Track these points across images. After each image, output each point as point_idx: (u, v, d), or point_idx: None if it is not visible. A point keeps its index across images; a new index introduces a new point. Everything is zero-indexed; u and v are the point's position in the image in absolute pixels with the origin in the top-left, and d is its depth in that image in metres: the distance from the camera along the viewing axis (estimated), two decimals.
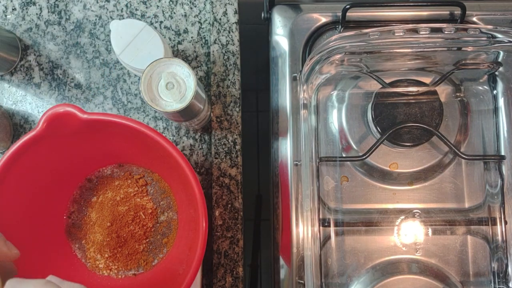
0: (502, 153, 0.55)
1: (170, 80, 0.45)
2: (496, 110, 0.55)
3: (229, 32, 0.59)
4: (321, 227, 0.53)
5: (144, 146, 0.48)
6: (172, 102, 0.46)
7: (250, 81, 0.73)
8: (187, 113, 0.49)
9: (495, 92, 0.56)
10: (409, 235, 0.54)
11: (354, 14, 0.57)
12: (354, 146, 0.55)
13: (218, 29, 0.59)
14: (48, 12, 0.60)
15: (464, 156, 0.53)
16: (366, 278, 0.54)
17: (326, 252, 0.54)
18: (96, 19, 0.60)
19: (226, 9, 0.59)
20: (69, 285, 0.33)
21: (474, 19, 0.57)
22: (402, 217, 0.54)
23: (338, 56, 0.51)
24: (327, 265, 0.54)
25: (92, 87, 0.59)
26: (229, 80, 0.58)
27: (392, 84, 0.54)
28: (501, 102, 0.55)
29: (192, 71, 0.45)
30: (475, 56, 0.53)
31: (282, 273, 0.55)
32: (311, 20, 0.58)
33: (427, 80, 0.55)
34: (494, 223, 0.54)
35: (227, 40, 0.59)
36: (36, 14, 0.60)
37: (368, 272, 0.54)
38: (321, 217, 0.53)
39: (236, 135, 0.58)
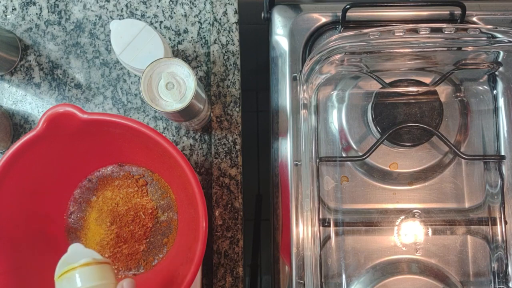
0: (502, 153, 0.55)
1: (170, 80, 0.45)
2: (496, 110, 0.55)
3: (229, 32, 0.59)
4: (321, 227, 0.53)
5: (144, 146, 0.48)
6: (172, 102, 0.46)
7: (250, 81, 0.73)
8: (187, 113, 0.49)
9: (495, 92, 0.56)
10: (409, 235, 0.54)
11: (354, 14, 0.57)
12: (354, 146, 0.55)
13: (218, 29, 0.59)
14: (48, 12, 0.60)
15: (464, 156, 0.53)
16: (366, 278, 0.54)
17: (326, 252, 0.54)
18: (96, 19, 0.60)
19: (226, 9, 0.59)
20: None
21: (474, 19, 0.57)
22: (402, 217, 0.54)
23: (338, 56, 0.51)
24: (327, 265, 0.54)
25: (92, 87, 0.59)
26: (229, 80, 0.58)
27: (392, 84, 0.54)
28: (501, 102, 0.55)
29: (192, 71, 0.45)
30: (475, 56, 0.53)
31: (282, 273, 0.55)
32: (311, 20, 0.58)
33: (427, 80, 0.55)
34: (494, 223, 0.54)
35: (227, 40, 0.59)
36: (36, 14, 0.60)
37: (368, 272, 0.54)
38: (321, 217, 0.53)
39: (236, 135, 0.58)
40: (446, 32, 0.48)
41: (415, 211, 0.55)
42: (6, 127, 0.57)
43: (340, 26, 0.57)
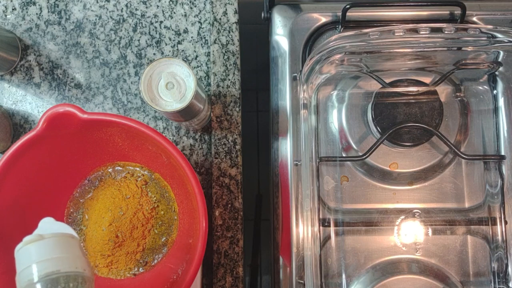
0: (502, 153, 0.55)
1: (170, 80, 0.45)
2: (496, 110, 0.55)
3: (229, 32, 0.59)
4: (321, 227, 0.53)
5: (144, 146, 0.48)
6: (172, 102, 0.46)
7: (250, 81, 0.73)
8: (187, 113, 0.49)
9: (495, 92, 0.56)
10: (409, 235, 0.54)
11: (354, 14, 0.57)
12: (354, 146, 0.55)
13: (218, 29, 0.59)
14: (48, 12, 0.60)
15: (464, 156, 0.53)
16: (366, 278, 0.54)
17: (326, 252, 0.54)
18: (96, 19, 0.60)
19: (226, 9, 0.59)
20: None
21: (474, 19, 0.57)
22: (402, 217, 0.54)
23: (338, 56, 0.51)
24: (327, 265, 0.54)
25: (92, 87, 0.59)
26: (229, 80, 0.58)
27: (392, 84, 0.54)
28: (501, 102, 0.55)
29: (192, 71, 0.45)
30: (475, 56, 0.53)
31: (282, 273, 0.55)
32: (311, 20, 0.58)
33: (427, 80, 0.55)
34: (494, 223, 0.54)
35: (227, 40, 0.59)
36: (36, 14, 0.60)
37: (368, 272, 0.54)
38: (321, 217, 0.53)
39: (236, 135, 0.58)
40: (446, 32, 0.48)
41: (415, 211, 0.55)
42: (6, 127, 0.57)
43: (340, 26, 0.57)
